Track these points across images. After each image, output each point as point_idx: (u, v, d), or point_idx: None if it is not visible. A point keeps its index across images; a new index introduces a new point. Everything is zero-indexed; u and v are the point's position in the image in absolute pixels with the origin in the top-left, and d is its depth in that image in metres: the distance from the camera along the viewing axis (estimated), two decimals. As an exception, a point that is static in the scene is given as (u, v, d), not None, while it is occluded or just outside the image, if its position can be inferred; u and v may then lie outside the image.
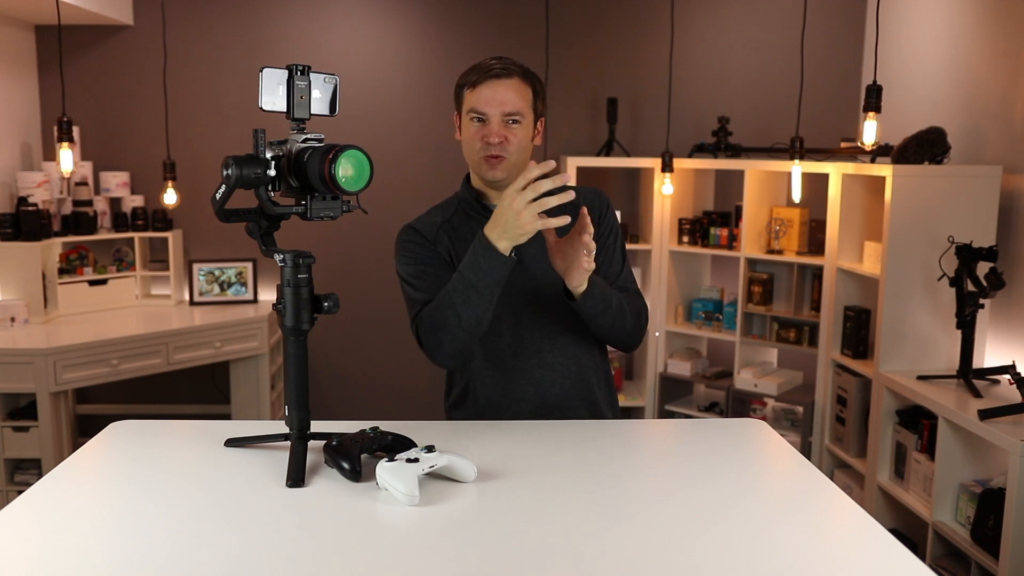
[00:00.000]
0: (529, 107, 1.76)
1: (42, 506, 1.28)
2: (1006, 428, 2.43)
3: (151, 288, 4.27)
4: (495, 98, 1.72)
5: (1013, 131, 2.99)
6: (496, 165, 1.74)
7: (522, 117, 1.74)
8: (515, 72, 1.74)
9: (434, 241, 1.81)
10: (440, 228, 1.82)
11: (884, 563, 1.14)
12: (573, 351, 1.81)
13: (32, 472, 3.35)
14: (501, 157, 1.74)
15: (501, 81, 1.72)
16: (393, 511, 1.26)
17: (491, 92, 1.72)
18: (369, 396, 4.49)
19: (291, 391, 1.44)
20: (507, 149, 1.73)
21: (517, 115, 1.73)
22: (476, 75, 1.74)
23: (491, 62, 1.75)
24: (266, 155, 1.37)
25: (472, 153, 1.77)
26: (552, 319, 1.78)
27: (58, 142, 3.33)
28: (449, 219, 1.84)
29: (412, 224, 1.85)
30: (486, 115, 1.73)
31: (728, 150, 3.97)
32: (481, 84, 1.73)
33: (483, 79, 1.73)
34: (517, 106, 1.73)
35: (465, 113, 1.77)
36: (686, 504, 1.31)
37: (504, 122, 1.73)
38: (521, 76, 1.75)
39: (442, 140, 4.29)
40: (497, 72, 1.73)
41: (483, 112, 1.72)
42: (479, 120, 1.74)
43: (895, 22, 3.73)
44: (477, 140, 1.75)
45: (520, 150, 1.75)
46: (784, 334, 3.69)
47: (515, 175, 1.73)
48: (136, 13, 4.16)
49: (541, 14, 4.11)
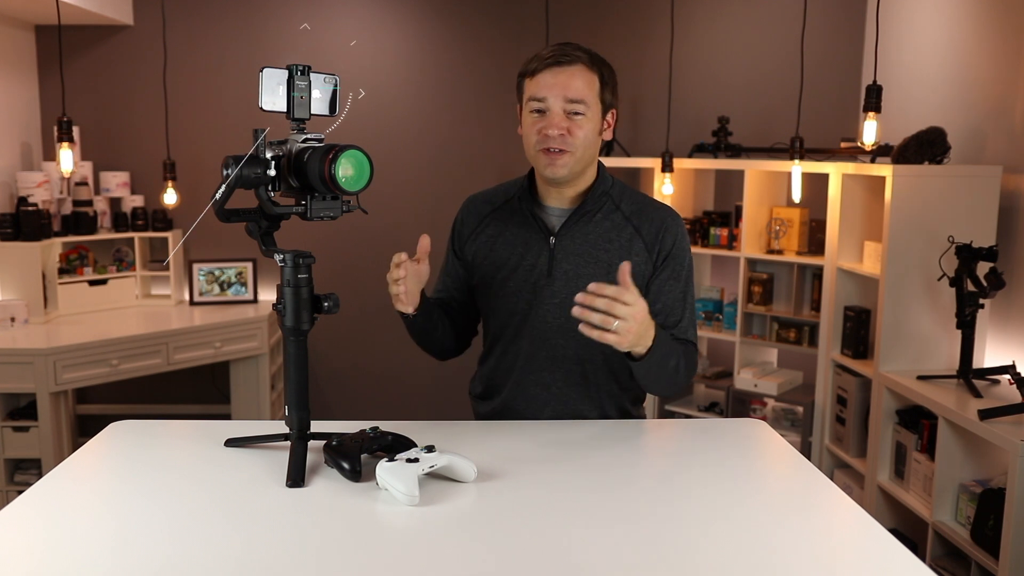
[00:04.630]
0: (596, 96, 1.61)
1: (42, 506, 1.28)
2: (1006, 428, 2.43)
3: (151, 288, 4.27)
4: (556, 85, 1.58)
5: (1013, 131, 2.99)
6: (555, 161, 1.61)
7: (587, 107, 1.60)
8: (579, 59, 1.60)
9: (477, 228, 1.77)
10: (491, 216, 1.77)
11: (884, 563, 1.14)
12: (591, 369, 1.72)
13: (32, 472, 3.35)
14: (563, 151, 1.60)
15: (563, 68, 1.59)
16: (393, 511, 1.26)
17: (552, 79, 1.59)
18: (369, 396, 4.49)
19: (291, 391, 1.44)
20: (569, 143, 1.60)
21: (581, 104, 1.59)
22: (536, 62, 1.62)
23: (554, 48, 1.61)
24: (266, 155, 1.38)
25: (531, 147, 1.64)
26: (572, 338, 1.67)
27: (58, 142, 3.33)
28: (505, 204, 1.76)
29: (471, 201, 1.82)
30: (546, 104, 1.59)
31: (728, 150, 3.97)
32: (541, 71, 1.60)
33: (543, 66, 1.60)
34: (581, 94, 1.59)
35: (525, 103, 1.64)
36: (686, 504, 1.31)
37: (566, 113, 1.59)
38: (587, 63, 1.61)
39: (442, 140, 4.30)
40: (559, 58, 1.59)
41: (543, 100, 1.59)
42: (538, 111, 1.61)
43: (895, 22, 3.72)
44: (535, 132, 1.62)
45: (586, 145, 1.62)
46: (784, 334, 3.69)
47: (578, 172, 1.66)
48: (136, 13, 4.16)
49: (541, 14, 4.11)
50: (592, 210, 1.71)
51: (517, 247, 1.73)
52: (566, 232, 1.70)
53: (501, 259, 1.74)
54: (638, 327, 1.43)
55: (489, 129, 4.29)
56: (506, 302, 1.74)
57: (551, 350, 1.72)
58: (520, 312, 1.72)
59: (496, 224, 1.76)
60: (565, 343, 1.70)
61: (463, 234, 1.81)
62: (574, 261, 1.68)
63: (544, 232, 1.72)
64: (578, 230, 1.70)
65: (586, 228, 1.70)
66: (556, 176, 1.63)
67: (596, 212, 1.71)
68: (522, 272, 1.72)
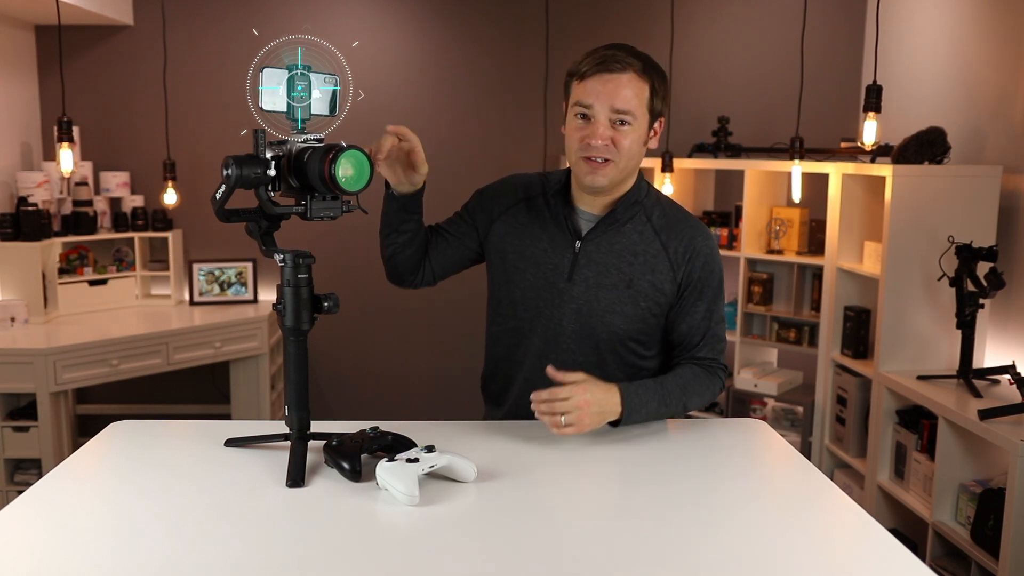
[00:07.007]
0: (644, 107, 1.57)
1: (42, 506, 1.28)
2: (1006, 428, 2.43)
3: (151, 288, 4.27)
4: (603, 93, 1.54)
5: (1013, 131, 2.99)
6: (597, 170, 1.57)
7: (633, 118, 1.55)
8: (630, 66, 1.55)
9: (509, 210, 1.73)
10: (525, 202, 1.74)
11: (884, 563, 1.14)
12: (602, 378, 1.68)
13: (32, 472, 3.34)
14: (608, 162, 1.56)
15: (613, 76, 1.54)
16: (393, 511, 1.26)
17: (600, 86, 1.54)
18: (369, 396, 4.49)
19: (291, 391, 1.44)
20: (614, 152, 1.56)
21: (628, 115, 1.54)
22: (587, 65, 1.56)
23: (605, 52, 1.56)
24: (266, 155, 1.37)
25: (572, 152, 1.61)
26: (584, 344, 1.68)
27: (58, 142, 3.33)
28: (541, 196, 1.73)
29: (511, 181, 1.78)
30: (592, 112, 1.55)
31: (728, 150, 3.97)
32: (591, 76, 1.55)
33: (593, 71, 1.55)
34: (629, 104, 1.54)
35: (571, 106, 1.59)
36: (686, 504, 1.31)
37: (612, 122, 1.55)
38: (638, 71, 1.56)
39: (442, 140, 4.29)
40: (609, 65, 1.54)
41: (588, 107, 1.55)
42: (583, 116, 1.57)
43: (895, 22, 3.72)
44: (578, 139, 1.58)
45: (630, 155, 1.58)
46: (784, 334, 3.69)
47: (618, 181, 1.63)
48: (136, 13, 4.16)
49: (541, 14, 4.11)
50: (622, 219, 1.68)
51: (543, 242, 1.71)
52: (592, 239, 1.68)
53: (525, 249, 1.72)
54: (590, 409, 1.50)
55: (489, 129, 4.29)
56: (523, 295, 1.72)
57: (562, 354, 1.70)
58: (534, 308, 1.71)
59: (527, 213, 1.73)
60: (577, 348, 1.69)
61: (492, 211, 1.76)
62: (595, 269, 1.67)
63: (571, 235, 1.69)
64: (605, 239, 1.68)
65: (613, 237, 1.68)
66: (596, 185, 1.60)
67: (626, 222, 1.68)
68: (543, 269, 1.70)
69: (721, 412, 3.92)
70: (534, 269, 1.71)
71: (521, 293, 1.73)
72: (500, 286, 1.77)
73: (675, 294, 1.68)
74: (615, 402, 1.54)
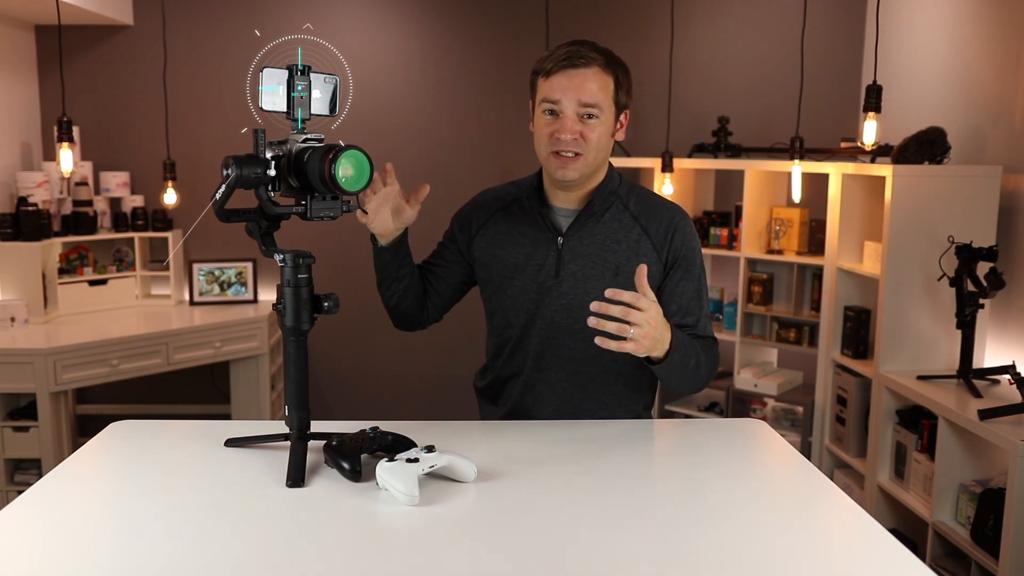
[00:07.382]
0: (610, 99, 1.60)
1: (42, 506, 1.28)
2: (1006, 428, 2.43)
3: (151, 288, 4.27)
4: (570, 88, 1.56)
5: (1013, 131, 2.99)
6: (567, 164, 1.60)
7: (600, 111, 1.58)
8: (594, 60, 1.57)
9: (486, 224, 1.76)
10: (500, 213, 1.76)
11: (884, 563, 1.14)
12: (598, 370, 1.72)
13: (32, 472, 3.35)
14: (578, 155, 1.59)
15: (578, 70, 1.56)
16: (393, 511, 1.26)
17: (566, 81, 1.56)
18: (369, 396, 4.49)
19: (291, 391, 1.44)
20: (583, 146, 1.59)
21: (595, 108, 1.57)
22: (551, 62, 1.59)
23: (568, 48, 1.58)
24: (266, 155, 1.37)
25: (542, 148, 1.63)
26: (580, 339, 1.67)
27: (58, 142, 3.33)
28: (514, 203, 1.75)
29: (481, 198, 1.80)
30: (559, 107, 1.57)
31: (728, 150, 3.97)
32: (556, 73, 1.58)
33: (559, 67, 1.57)
34: (596, 98, 1.57)
35: (538, 103, 1.62)
36: (686, 504, 1.31)
37: (580, 116, 1.58)
38: (602, 65, 1.58)
39: (442, 140, 4.30)
40: (574, 60, 1.56)
41: (556, 103, 1.58)
42: (551, 112, 1.59)
43: (895, 22, 3.72)
44: (547, 135, 1.60)
45: (598, 148, 1.60)
46: (784, 334, 3.69)
47: (589, 174, 1.65)
48: (136, 13, 4.16)
49: (541, 14, 4.11)
50: (600, 210, 1.70)
51: (525, 246, 1.73)
52: (574, 233, 1.70)
53: (509, 257, 1.74)
54: (654, 332, 1.43)
55: (489, 129, 4.29)
56: (513, 301, 1.74)
57: (558, 350, 1.71)
58: (527, 312, 1.72)
59: (505, 222, 1.75)
60: (572, 344, 1.70)
61: (471, 229, 1.79)
62: (581, 263, 1.68)
63: (552, 232, 1.71)
64: (586, 231, 1.70)
65: (594, 229, 1.70)
66: (567, 178, 1.62)
67: (604, 212, 1.70)
68: (530, 272, 1.72)
69: (721, 412, 3.92)
70: (521, 273, 1.72)
71: (512, 299, 1.74)
72: (492, 296, 1.79)
73: (662, 275, 1.69)
74: (667, 339, 1.49)
